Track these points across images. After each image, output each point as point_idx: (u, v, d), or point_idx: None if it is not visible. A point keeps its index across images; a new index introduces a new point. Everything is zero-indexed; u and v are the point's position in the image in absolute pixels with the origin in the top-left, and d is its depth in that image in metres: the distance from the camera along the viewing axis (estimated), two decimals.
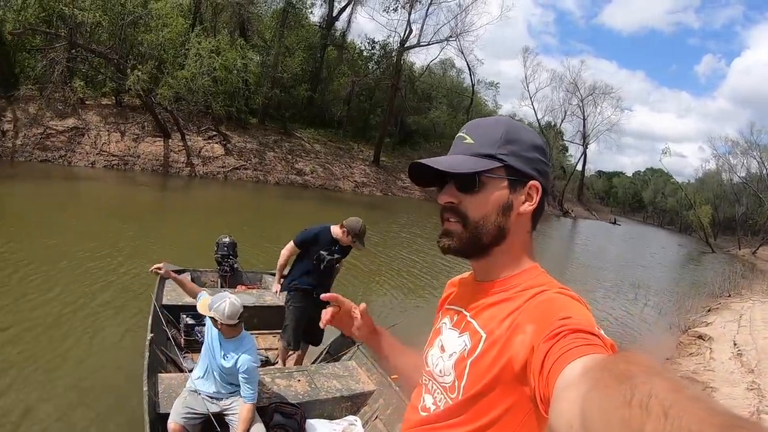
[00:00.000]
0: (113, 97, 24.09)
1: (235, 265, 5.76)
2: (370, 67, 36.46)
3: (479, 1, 47.52)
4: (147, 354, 3.64)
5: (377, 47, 36.77)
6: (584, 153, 56.67)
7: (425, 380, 1.15)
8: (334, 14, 32.60)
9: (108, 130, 22.54)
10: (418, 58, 60.16)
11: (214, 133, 23.84)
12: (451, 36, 34.74)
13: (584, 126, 54.30)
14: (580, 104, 53.01)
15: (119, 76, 23.08)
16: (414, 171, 1.10)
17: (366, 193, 26.96)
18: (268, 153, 24.59)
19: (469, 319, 1.08)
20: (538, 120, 50.58)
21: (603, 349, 0.75)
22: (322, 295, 1.30)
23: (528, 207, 1.04)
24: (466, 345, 1.04)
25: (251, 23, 29.20)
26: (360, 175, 28.50)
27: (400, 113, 35.82)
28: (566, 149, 60.81)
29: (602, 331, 0.82)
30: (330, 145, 29.05)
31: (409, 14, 33.43)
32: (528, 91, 51.92)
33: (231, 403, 3.33)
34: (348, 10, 33.32)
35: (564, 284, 1.02)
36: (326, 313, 1.27)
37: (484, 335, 1.00)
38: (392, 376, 3.81)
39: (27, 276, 6.74)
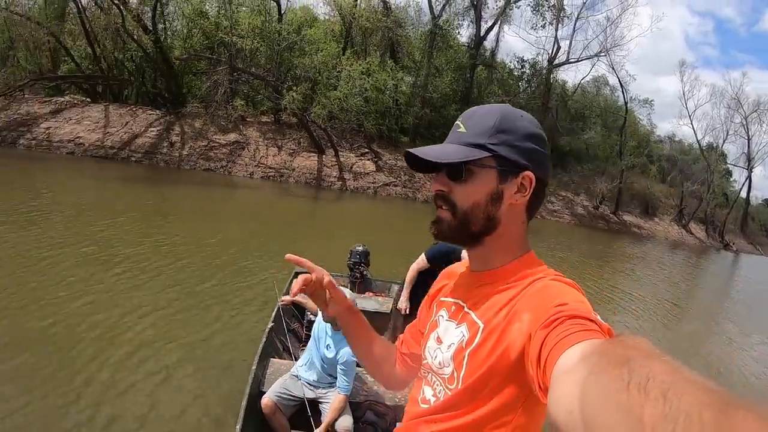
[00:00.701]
0: (272, 115, 25.62)
1: (365, 273, 5.84)
2: (520, 87, 35.39)
3: (628, 14, 45.33)
4: (264, 339, 4.06)
5: (527, 66, 35.69)
6: (749, 177, 48.77)
7: (424, 373, 1.15)
8: (482, 34, 32.08)
9: (266, 145, 24.19)
10: (569, 76, 58.04)
11: (366, 150, 24.45)
12: (600, 51, 32.87)
13: (748, 147, 46.41)
14: (744, 122, 45.63)
15: (276, 97, 24.51)
16: (411, 158, 1.08)
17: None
18: (418, 172, 24.16)
19: (466, 309, 1.08)
20: (698, 141, 44.67)
21: (600, 334, 0.75)
22: (286, 256, 1.24)
23: (520, 198, 1.02)
24: (464, 335, 1.04)
25: (400, 45, 29.64)
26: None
27: (551, 134, 34.11)
28: (729, 173, 53.48)
29: (599, 317, 0.81)
30: None
31: (556, 30, 32.47)
32: (686, 108, 47.92)
33: (327, 392, 3.48)
34: (495, 29, 32.59)
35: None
36: (296, 283, 1.15)
37: (481, 325, 1.00)
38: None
39: (186, 267, 7.68)
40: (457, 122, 1.06)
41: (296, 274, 5.93)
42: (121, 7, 27.46)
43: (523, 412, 0.93)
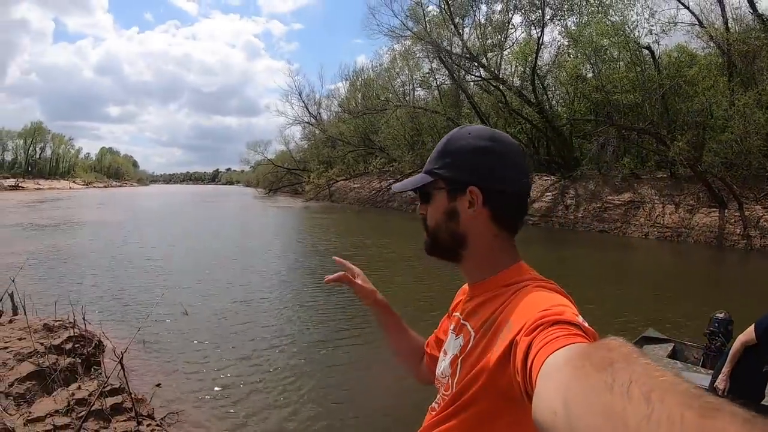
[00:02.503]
0: (667, 170, 24.56)
1: (721, 346, 5.10)
2: None
3: None
4: None
5: None
6: None
7: (437, 384, 1.20)
8: None
9: (662, 203, 23.21)
10: None
11: None
12: None
13: None
14: None
15: (660, 149, 23.86)
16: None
17: None
18: None
19: (462, 321, 1.13)
20: None
21: (584, 338, 0.76)
22: (334, 257, 1.56)
23: (473, 212, 1.08)
24: (460, 345, 1.09)
25: None
26: None
27: None
28: None
29: (584, 321, 0.83)
30: None
31: None
32: None
33: None
34: None
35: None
36: (333, 276, 1.45)
37: (473, 333, 1.06)
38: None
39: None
40: None
41: (643, 339, 6.11)
42: (501, 88, 30.56)
43: (512, 414, 0.93)
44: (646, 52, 27.15)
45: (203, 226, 24.70)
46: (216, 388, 5.60)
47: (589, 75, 29.55)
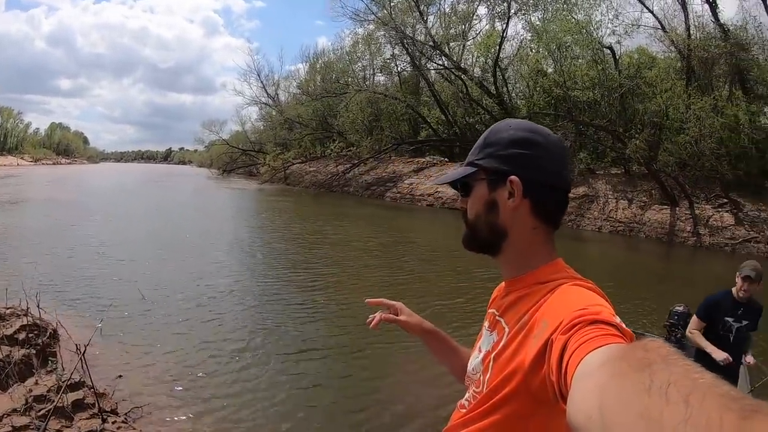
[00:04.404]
0: (622, 167, 25.24)
1: (681, 338, 5.31)
2: None
3: None
4: None
5: None
6: None
7: (466, 381, 1.21)
8: None
9: (616, 198, 23.77)
10: None
11: (724, 200, 21.87)
12: None
13: None
14: None
15: (619, 147, 24.39)
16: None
17: None
18: None
19: (497, 317, 1.13)
20: None
21: (621, 338, 0.75)
22: (367, 300, 1.51)
23: (513, 202, 1.07)
24: (494, 341, 1.09)
25: (748, 71, 26.69)
26: None
27: None
28: None
29: (621, 321, 0.82)
30: None
31: None
32: None
33: None
34: None
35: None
36: (375, 317, 1.46)
37: (507, 330, 1.05)
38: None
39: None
40: None
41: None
42: (463, 77, 30.71)
43: (543, 417, 0.93)
44: (607, 51, 27.83)
45: (157, 208, 23.61)
46: (179, 378, 5.32)
47: (550, 70, 30.08)
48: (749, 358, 4.35)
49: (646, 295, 10.77)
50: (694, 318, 4.41)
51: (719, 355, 4.04)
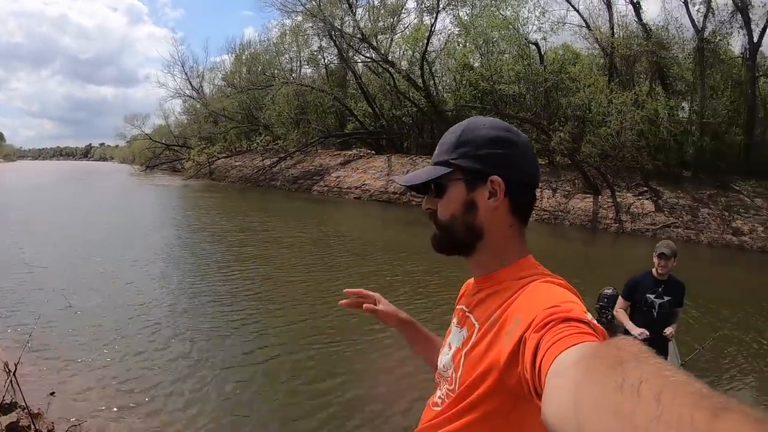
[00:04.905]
0: (546, 158, 25.64)
1: (611, 318, 5.57)
2: None
3: None
4: None
5: None
6: None
7: (437, 378, 1.20)
8: (755, 39, 28.15)
9: (541, 188, 23.85)
10: None
11: (645, 188, 22.92)
12: None
13: None
14: None
15: (543, 139, 24.73)
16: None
17: None
18: (702, 209, 22.22)
19: (467, 313, 1.12)
20: None
21: (594, 336, 0.75)
22: (346, 290, 1.50)
23: (494, 202, 1.05)
24: (463, 337, 1.08)
25: (668, 69, 27.78)
26: None
27: None
28: None
29: (592, 318, 0.82)
30: None
31: None
32: None
33: None
34: None
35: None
36: (349, 301, 1.50)
37: (477, 326, 1.04)
38: None
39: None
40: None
41: None
42: (391, 70, 30.53)
43: (521, 413, 0.93)
44: (533, 47, 28.46)
45: (77, 209, 21.67)
46: (115, 393, 4.92)
47: (477, 64, 30.35)
48: (669, 329, 4.46)
49: (576, 280, 10.56)
50: (620, 298, 4.75)
51: (635, 330, 4.39)
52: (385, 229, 18.85)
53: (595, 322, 0.81)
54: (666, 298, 4.52)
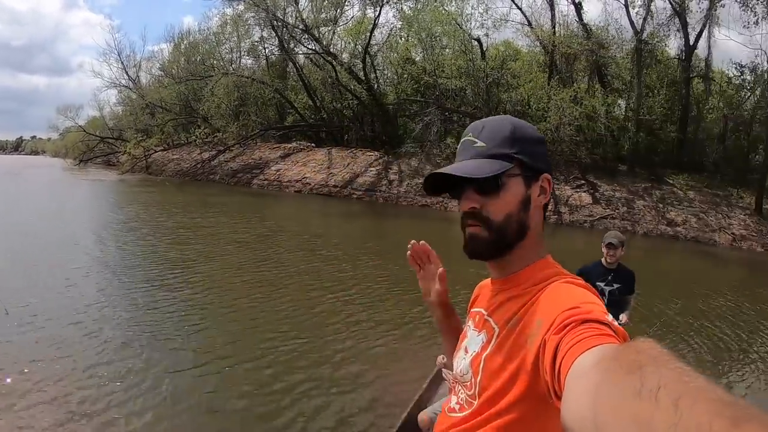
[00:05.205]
0: None
1: None
2: (742, 96, 31.45)
3: None
4: (437, 359, 4.13)
5: (746, 71, 31.57)
6: None
7: (452, 383, 1.17)
8: (691, 42, 29.26)
9: None
10: None
11: (582, 181, 23.53)
12: None
13: None
14: None
15: None
16: (427, 181, 1.13)
17: (744, 248, 22.29)
18: (638, 201, 23.07)
19: (486, 317, 1.10)
20: None
21: (614, 338, 0.75)
22: (422, 242, 1.39)
23: (543, 199, 1.07)
24: (482, 341, 1.06)
25: (607, 67, 28.51)
26: (739, 226, 23.91)
27: None
28: None
29: (613, 320, 0.81)
30: (705, 192, 25.24)
31: None
32: None
33: None
34: (705, 34, 29.04)
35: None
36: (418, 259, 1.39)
37: (497, 329, 1.02)
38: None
39: (404, 289, 8.32)
40: (468, 138, 1.09)
41: None
42: (333, 63, 30.16)
43: (540, 418, 0.92)
44: (475, 43, 28.59)
45: (6, 207, 20.33)
46: (63, 416, 4.29)
47: (418, 58, 30.47)
48: (623, 317, 4.47)
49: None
50: None
51: None
52: (330, 222, 18.50)
53: (616, 323, 0.79)
54: (615, 286, 4.63)
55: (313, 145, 31.83)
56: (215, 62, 40.03)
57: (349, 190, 25.66)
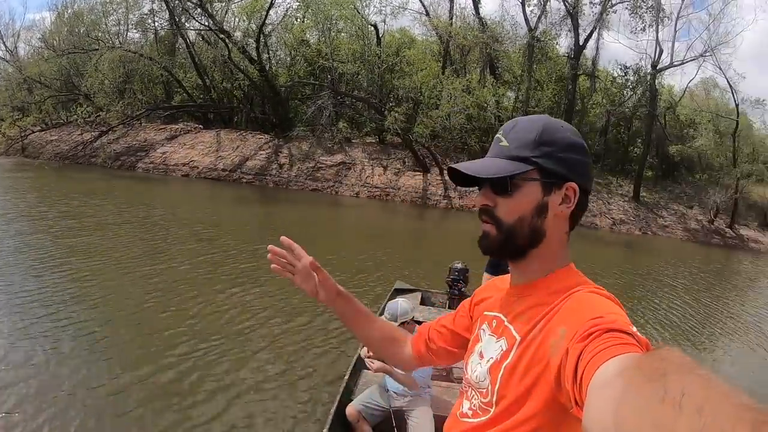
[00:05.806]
0: (376, 137, 26.52)
1: (463, 290, 6.02)
2: (625, 95, 33.46)
3: (731, 7, 42.40)
4: (360, 352, 4.09)
5: (630, 72, 33.59)
6: None
7: (464, 387, 1.16)
8: (581, 43, 30.75)
9: (372, 165, 25.08)
10: (676, 80, 54.09)
11: None
12: (705, 51, 29.75)
13: None
14: None
15: (379, 118, 25.25)
16: (454, 172, 1.07)
17: (624, 232, 24.54)
18: None
19: (506, 324, 1.07)
20: None
21: (637, 348, 0.74)
22: (281, 238, 1.32)
23: (565, 209, 1.02)
24: (502, 349, 1.03)
25: (499, 60, 29.33)
26: (618, 211, 26.18)
27: (660, 142, 32.13)
28: None
29: (636, 330, 0.80)
30: None
31: (657, 33, 29.85)
32: None
33: (412, 401, 3.54)
34: (594, 36, 30.80)
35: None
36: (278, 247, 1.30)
37: (518, 338, 1.00)
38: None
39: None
40: (497, 135, 1.06)
41: (396, 291, 6.61)
42: (226, 41, 29.06)
43: (560, 428, 0.91)
44: (372, 29, 28.55)
45: None
46: None
47: (313, 41, 30.21)
48: None
49: (416, 251, 11.78)
50: (485, 274, 4.58)
51: None
52: (222, 210, 17.38)
53: (639, 334, 0.79)
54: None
55: (200, 126, 30.48)
56: (100, 35, 37.48)
57: (239, 174, 24.81)
